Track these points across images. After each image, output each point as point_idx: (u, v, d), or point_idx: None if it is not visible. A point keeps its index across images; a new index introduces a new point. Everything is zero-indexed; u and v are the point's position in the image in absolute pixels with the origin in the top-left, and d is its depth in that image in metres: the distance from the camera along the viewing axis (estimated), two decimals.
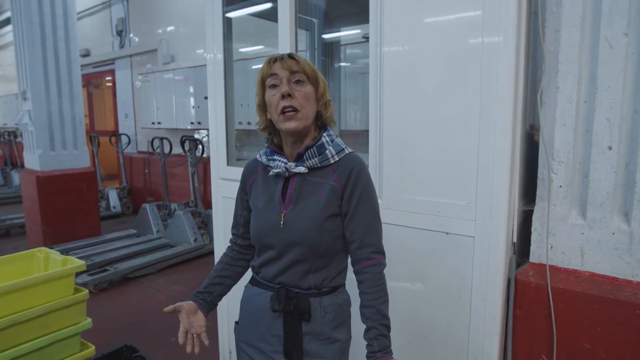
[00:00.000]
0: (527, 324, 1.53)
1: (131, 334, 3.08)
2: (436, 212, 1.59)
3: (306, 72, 1.18)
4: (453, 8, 1.50)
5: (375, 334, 1.14)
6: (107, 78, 7.84)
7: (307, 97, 1.18)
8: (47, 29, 4.72)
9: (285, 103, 1.15)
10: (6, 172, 9.14)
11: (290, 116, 1.16)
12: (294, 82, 1.17)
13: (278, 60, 1.18)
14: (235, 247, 1.40)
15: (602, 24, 1.35)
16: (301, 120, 1.17)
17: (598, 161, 1.40)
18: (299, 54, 1.23)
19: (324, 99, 1.23)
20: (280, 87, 1.17)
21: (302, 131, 1.19)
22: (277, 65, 1.18)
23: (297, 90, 1.17)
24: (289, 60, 1.18)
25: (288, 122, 1.16)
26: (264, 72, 1.20)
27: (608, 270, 1.42)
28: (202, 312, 1.30)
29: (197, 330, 1.27)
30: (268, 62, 1.20)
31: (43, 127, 4.81)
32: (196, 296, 1.33)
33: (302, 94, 1.17)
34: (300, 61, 1.19)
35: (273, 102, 1.18)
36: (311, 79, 1.19)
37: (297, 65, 1.18)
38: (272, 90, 1.19)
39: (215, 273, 1.37)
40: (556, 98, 1.46)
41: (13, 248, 5.09)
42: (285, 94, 1.15)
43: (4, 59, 10.90)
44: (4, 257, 2.07)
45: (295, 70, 1.17)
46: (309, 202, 1.19)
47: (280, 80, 1.17)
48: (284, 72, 1.17)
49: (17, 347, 1.80)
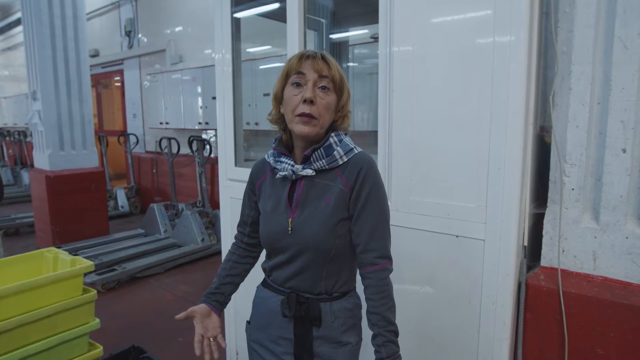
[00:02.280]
0: (537, 329, 1.50)
1: (138, 334, 3.09)
2: (446, 215, 1.58)
3: (334, 80, 1.13)
4: (464, 7, 1.48)
5: (382, 340, 1.12)
6: (116, 78, 7.89)
7: (328, 106, 1.14)
8: (56, 29, 4.76)
9: (305, 109, 1.11)
10: (16, 172, 9.23)
11: (306, 121, 1.12)
12: (320, 87, 1.12)
13: (310, 59, 1.12)
14: (241, 244, 1.38)
15: (616, 25, 1.33)
16: (315, 128, 1.13)
17: (612, 164, 1.37)
18: (331, 57, 1.16)
19: (344, 111, 1.19)
20: (303, 89, 1.12)
21: (313, 138, 1.16)
22: (308, 64, 1.12)
23: (320, 98, 1.12)
24: (321, 62, 1.12)
25: (301, 126, 1.12)
26: (292, 66, 1.14)
27: (621, 274, 1.40)
28: (216, 313, 1.27)
29: (212, 333, 1.24)
30: (299, 58, 1.13)
31: (53, 127, 4.85)
32: (208, 298, 1.30)
33: (324, 103, 1.12)
34: (332, 66, 1.13)
35: (293, 101, 1.13)
36: (337, 87, 1.15)
37: (328, 70, 1.12)
38: (294, 89, 1.13)
39: (224, 272, 1.35)
40: (569, 99, 1.44)
41: (23, 247, 5.14)
42: (307, 100, 1.11)
43: (14, 59, 11.01)
44: (13, 257, 2.08)
45: (324, 75, 1.12)
46: (316, 206, 1.16)
47: (306, 81, 1.12)
48: (312, 74, 1.12)
49: (25, 347, 1.81)
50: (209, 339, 1.23)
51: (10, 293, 1.74)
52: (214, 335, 1.24)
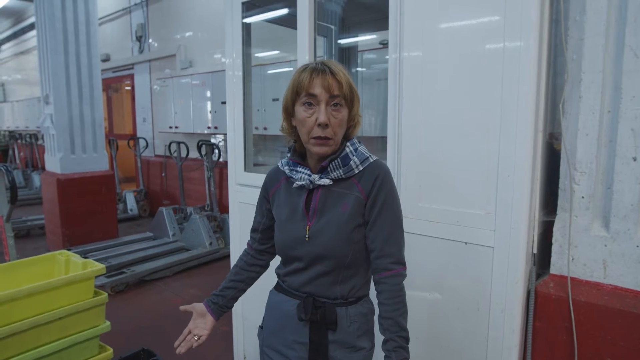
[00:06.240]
0: (547, 337, 1.50)
1: (147, 337, 3.10)
2: (455, 222, 1.58)
3: (345, 96, 1.11)
4: (474, 13, 1.49)
5: (393, 345, 1.13)
6: (126, 82, 7.97)
7: (341, 123, 1.13)
8: (69, 34, 4.83)
9: (320, 133, 1.10)
10: (27, 174, 9.34)
11: (324, 142, 1.12)
12: (332, 105, 1.11)
13: (320, 76, 1.09)
14: (250, 251, 1.40)
15: (627, 33, 1.33)
16: (332, 147, 1.14)
17: (622, 172, 1.37)
18: (338, 65, 1.13)
19: (355, 119, 1.19)
20: (316, 109, 1.10)
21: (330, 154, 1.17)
22: (318, 83, 1.09)
23: (333, 117, 1.11)
24: (330, 79, 1.09)
25: (319, 148, 1.13)
26: (302, 86, 1.11)
27: (632, 283, 1.39)
28: (211, 315, 1.33)
29: (199, 333, 1.30)
30: (309, 76, 1.10)
31: (64, 131, 4.91)
32: (210, 299, 1.36)
33: (337, 121, 1.12)
34: (342, 83, 1.10)
35: (307, 123, 1.12)
36: (348, 101, 1.13)
37: (339, 89, 1.10)
38: (306, 109, 1.12)
39: (230, 277, 1.39)
40: (579, 107, 1.44)
41: (33, 249, 5.19)
42: (322, 124, 1.09)
43: (26, 63, 11.18)
44: (26, 259, 2.11)
45: (335, 94, 1.10)
46: (333, 213, 1.17)
47: (319, 102, 1.10)
48: (323, 94, 1.09)
49: (37, 348, 1.83)
50: (193, 337, 1.30)
51: (23, 295, 1.77)
52: (199, 335, 1.30)
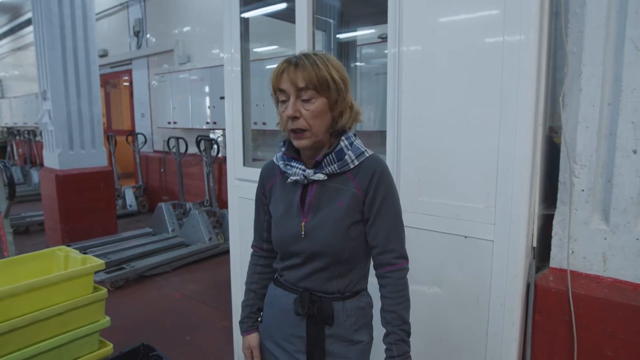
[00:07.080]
0: (546, 330, 1.50)
1: (147, 332, 3.11)
2: (454, 215, 1.57)
3: (314, 83, 1.07)
4: (473, 7, 1.48)
5: (394, 338, 1.13)
6: (124, 78, 7.94)
7: (315, 114, 1.10)
8: (66, 30, 4.80)
9: (292, 125, 1.11)
10: (26, 170, 9.32)
11: (299, 136, 1.13)
12: (301, 99, 1.10)
13: (285, 72, 1.09)
14: (262, 252, 1.38)
15: (627, 25, 1.32)
16: (310, 139, 1.13)
17: (622, 165, 1.37)
18: (310, 56, 1.10)
19: (340, 107, 1.14)
20: (288, 104, 1.11)
21: (314, 145, 1.15)
22: (285, 77, 1.09)
23: (304, 109, 1.10)
24: (294, 72, 1.08)
25: (297, 141, 1.13)
26: (273, 84, 1.13)
27: (631, 276, 1.39)
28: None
29: (256, 354, 1.35)
30: (277, 74, 1.11)
31: (62, 127, 4.89)
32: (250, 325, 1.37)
33: (309, 114, 1.10)
34: (306, 73, 1.07)
35: (282, 118, 1.14)
36: (321, 89, 1.09)
37: (303, 80, 1.07)
38: (281, 106, 1.14)
39: (254, 288, 1.38)
40: (579, 100, 1.43)
41: (33, 245, 5.19)
42: (291, 117, 1.10)
43: (24, 59, 11.12)
44: (25, 255, 2.11)
45: (301, 87, 1.08)
46: (329, 209, 1.16)
47: (288, 96, 1.10)
48: (290, 87, 1.09)
49: (37, 344, 1.83)
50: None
51: (22, 291, 1.76)
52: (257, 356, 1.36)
